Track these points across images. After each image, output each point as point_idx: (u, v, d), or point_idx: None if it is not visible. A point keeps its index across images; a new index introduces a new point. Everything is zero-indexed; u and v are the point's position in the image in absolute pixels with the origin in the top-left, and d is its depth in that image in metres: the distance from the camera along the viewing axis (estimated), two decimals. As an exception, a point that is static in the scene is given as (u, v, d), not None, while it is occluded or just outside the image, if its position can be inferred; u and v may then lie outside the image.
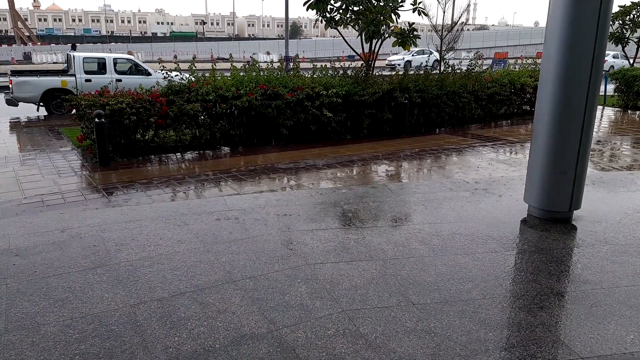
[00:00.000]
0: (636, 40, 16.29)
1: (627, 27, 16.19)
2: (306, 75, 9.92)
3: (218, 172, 6.60)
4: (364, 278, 3.37)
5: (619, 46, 16.57)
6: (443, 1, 13.14)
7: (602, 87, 14.74)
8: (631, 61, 16.77)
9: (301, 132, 8.95)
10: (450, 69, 11.44)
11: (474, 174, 6.53)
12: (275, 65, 10.27)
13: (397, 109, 9.67)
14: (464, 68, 11.85)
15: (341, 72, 10.11)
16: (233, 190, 5.76)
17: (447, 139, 9.37)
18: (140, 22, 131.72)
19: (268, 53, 49.38)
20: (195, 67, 9.25)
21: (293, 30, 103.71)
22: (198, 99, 8.09)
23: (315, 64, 11.17)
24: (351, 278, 3.37)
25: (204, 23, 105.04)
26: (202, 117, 8.31)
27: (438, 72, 11.96)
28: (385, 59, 33.51)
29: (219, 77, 8.93)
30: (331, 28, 10.00)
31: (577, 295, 3.22)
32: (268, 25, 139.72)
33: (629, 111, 13.66)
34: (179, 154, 7.92)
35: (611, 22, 16.33)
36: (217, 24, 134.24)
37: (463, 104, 10.58)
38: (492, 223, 4.47)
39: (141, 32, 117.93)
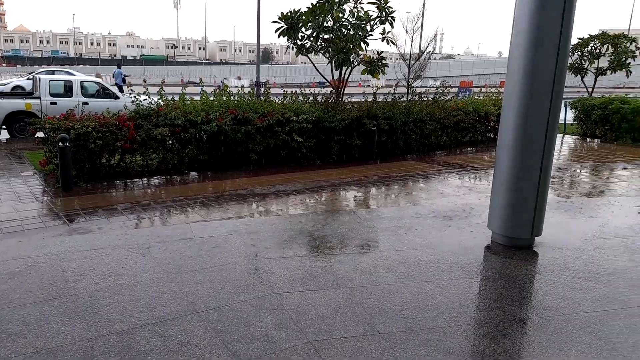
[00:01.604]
0: (594, 71, 17.05)
1: (585, 58, 16.95)
2: (277, 100, 9.99)
3: (185, 198, 6.51)
4: (331, 307, 3.35)
5: (578, 76, 17.29)
6: (411, 31, 13.50)
7: (562, 116, 15.32)
8: (590, 91, 17.50)
9: (271, 157, 8.96)
10: (417, 97, 11.71)
11: (440, 200, 6.64)
12: (246, 90, 10.31)
13: (366, 135, 9.81)
14: (431, 96, 12.15)
15: (311, 98, 10.23)
16: (200, 216, 5.68)
17: (414, 166, 9.52)
18: (110, 44, 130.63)
19: (239, 78, 49.58)
20: (165, 91, 9.20)
21: (265, 56, 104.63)
22: (166, 124, 8.02)
23: (285, 89, 11.26)
24: (318, 307, 3.34)
25: (175, 47, 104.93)
26: (170, 142, 8.23)
27: (406, 99, 12.22)
28: (357, 86, 34.08)
29: (189, 102, 8.90)
30: (302, 55, 10.14)
31: (539, 322, 3.28)
32: (240, 51, 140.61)
33: (588, 139, 14.21)
34: (146, 179, 7.79)
35: (570, 54, 17.09)
36: (189, 48, 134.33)
37: (429, 131, 10.81)
38: (457, 250, 4.53)
39: (111, 55, 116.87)
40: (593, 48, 16.80)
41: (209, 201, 6.38)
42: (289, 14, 9.23)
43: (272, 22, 9.24)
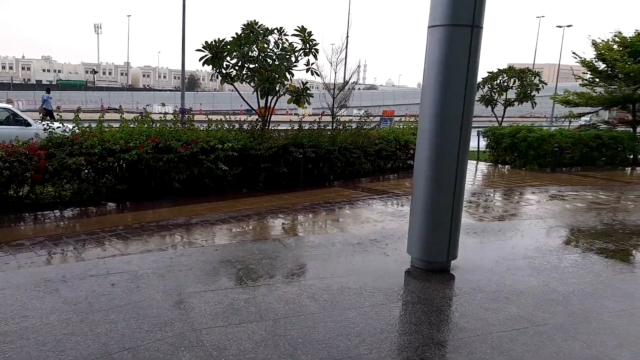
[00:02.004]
0: (503, 102, 18.40)
1: (495, 90, 18.28)
2: (202, 128, 9.86)
3: (100, 231, 6.19)
4: (253, 341, 3.29)
5: (489, 107, 18.59)
6: (335, 63, 13.96)
7: (475, 144, 16.33)
8: (500, 120, 18.83)
9: (195, 186, 8.77)
10: (341, 125, 12.03)
11: (364, 226, 6.79)
12: (169, 117, 10.09)
13: (293, 163, 9.89)
14: (355, 125, 12.52)
15: (237, 126, 10.19)
16: (117, 250, 5.41)
17: (339, 192, 9.70)
18: (24, 68, 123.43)
19: (163, 104, 48.48)
20: (82, 118, 8.79)
21: (190, 83, 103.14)
22: (82, 152, 7.64)
23: (210, 117, 11.15)
24: (239, 342, 3.27)
25: (95, 72, 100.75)
26: (86, 171, 7.83)
27: (331, 128, 12.50)
28: (285, 114, 34.37)
29: (107, 129, 8.55)
30: (227, 83, 10.12)
31: (455, 343, 3.41)
32: (164, 77, 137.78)
33: (499, 165, 15.21)
34: (58, 211, 7.33)
35: (481, 86, 18.39)
36: (110, 73, 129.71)
37: (354, 159, 11.10)
38: (379, 275, 4.64)
39: (24, 79, 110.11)
40: (502, 81, 18.20)
41: (127, 233, 6.10)
42: (214, 43, 9.22)
43: (196, 50, 9.19)
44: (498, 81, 18.25)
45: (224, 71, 9.61)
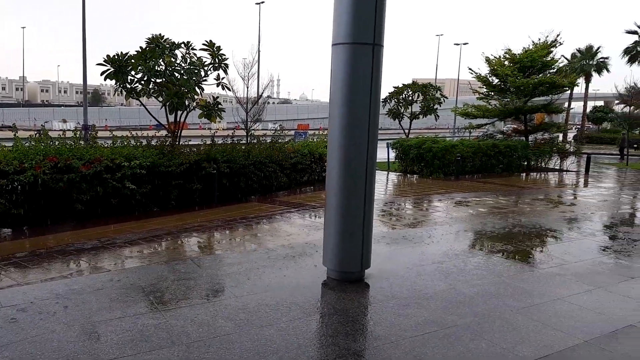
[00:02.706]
0: (409, 115, 19.32)
1: (401, 104, 19.16)
2: (107, 145, 9.35)
3: (-8, 261, 5.62)
4: (165, 367, 3.14)
5: (396, 120, 19.44)
6: (246, 77, 13.90)
7: (385, 155, 16.99)
8: (407, 132, 19.72)
9: (101, 207, 8.26)
10: (256, 140, 11.97)
11: (282, 240, 6.77)
12: (69, 134, 9.46)
13: (206, 179, 9.65)
14: (269, 139, 12.52)
15: (145, 142, 9.78)
16: (12, 280, 4.94)
17: (256, 207, 9.62)
18: None
19: (64, 121, 45.50)
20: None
21: (94, 97, 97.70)
22: (-33, 175, 6.93)
23: (114, 133, 10.61)
24: (150, 370, 3.10)
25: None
26: (-28, 196, 7.10)
27: (245, 142, 12.41)
28: (198, 128, 33.59)
29: (-2, 149, 7.84)
30: (132, 98, 9.71)
31: (370, 352, 3.48)
32: (65, 92, 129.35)
33: (408, 175, 15.93)
34: (-61, 241, 6.57)
35: (388, 101, 19.20)
36: (3, 88, 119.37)
37: (269, 173, 11.06)
38: (296, 289, 4.63)
39: None
40: (407, 95, 19.13)
41: (25, 261, 5.60)
42: (116, 56, 8.82)
43: (97, 64, 8.73)
44: (403, 95, 19.18)
45: (128, 86, 9.20)
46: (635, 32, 35.83)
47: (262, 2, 48.20)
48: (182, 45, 9.52)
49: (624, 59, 36.86)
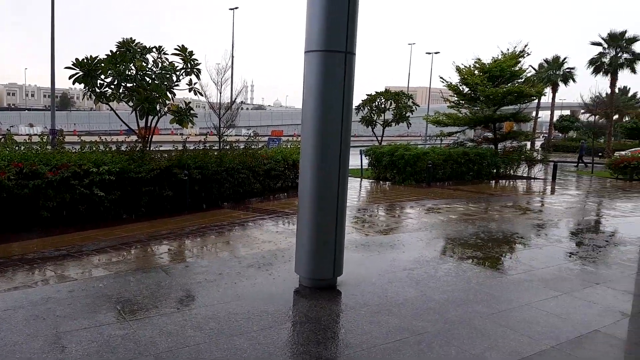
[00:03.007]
0: (382, 122, 19.49)
1: (374, 112, 19.31)
2: (75, 150, 9.13)
3: (-50, 270, 5.41)
4: (132, 379, 3.06)
5: (369, 127, 19.58)
6: (219, 83, 13.78)
7: (359, 162, 17.09)
8: (380, 139, 19.89)
9: (69, 214, 8.05)
10: (228, 146, 11.87)
11: (254, 248, 6.72)
12: (36, 139, 9.21)
13: (178, 185, 9.52)
14: (242, 145, 12.44)
15: (114, 147, 9.59)
16: (-29, 291, 4.76)
17: (228, 214, 9.53)
18: None
19: (31, 125, 44.30)
20: None
21: (63, 102, 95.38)
22: None
23: (82, 138, 10.37)
24: (116, 382, 3.02)
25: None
26: None
27: (218, 148, 12.29)
28: (170, 133, 33.17)
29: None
30: (102, 103, 9.53)
31: (342, 360, 3.47)
32: (32, 95, 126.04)
33: (381, 182, 16.05)
34: None
35: (362, 108, 19.34)
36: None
37: (242, 180, 10.99)
38: (268, 297, 4.60)
39: None
40: (379, 103, 19.30)
41: (-15, 271, 5.40)
42: (86, 60, 8.65)
43: (66, 68, 8.54)
44: (376, 103, 19.34)
45: (98, 90, 9.03)
46: (599, 44, 37.07)
47: (236, 8, 48.08)
48: (154, 49, 9.41)
49: (589, 69, 38.09)
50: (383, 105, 19.31)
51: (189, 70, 9.58)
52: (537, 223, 9.51)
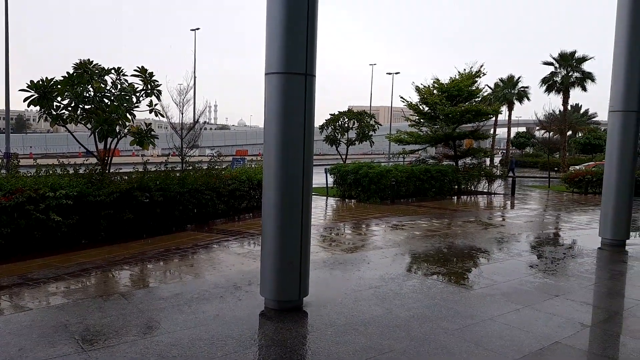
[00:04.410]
0: (345, 141, 19.71)
1: (337, 131, 19.52)
2: (30, 174, 8.81)
3: None
4: (90, 413, 2.93)
5: (334, 146, 19.76)
6: (181, 103, 13.67)
7: (324, 180, 17.16)
8: (344, 158, 20.08)
9: (23, 241, 7.72)
10: (191, 166, 11.72)
11: (218, 270, 6.60)
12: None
13: (139, 208, 9.29)
14: (205, 166, 12.31)
15: (72, 170, 9.31)
16: None
17: (192, 236, 9.35)
18: None
19: (-17, 148, 42.44)
20: None
21: (19, 124, 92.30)
22: None
23: (38, 161, 10.03)
24: (73, 417, 2.88)
25: None
26: None
27: (180, 169, 12.12)
28: (131, 155, 32.43)
29: None
30: (58, 125, 9.27)
31: (309, 382, 3.43)
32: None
33: (346, 200, 16.14)
34: None
35: (325, 127, 19.52)
36: None
37: (206, 201, 10.83)
38: (233, 321, 4.51)
39: None
40: (343, 122, 19.55)
41: None
42: (40, 82, 8.41)
43: (20, 90, 8.28)
44: (340, 122, 19.58)
45: (54, 112, 8.78)
46: (551, 64, 38.81)
47: (198, 29, 48.00)
48: (113, 71, 9.26)
49: (542, 87, 39.76)
50: (346, 125, 19.56)
51: (149, 91, 9.46)
52: (498, 237, 9.74)
